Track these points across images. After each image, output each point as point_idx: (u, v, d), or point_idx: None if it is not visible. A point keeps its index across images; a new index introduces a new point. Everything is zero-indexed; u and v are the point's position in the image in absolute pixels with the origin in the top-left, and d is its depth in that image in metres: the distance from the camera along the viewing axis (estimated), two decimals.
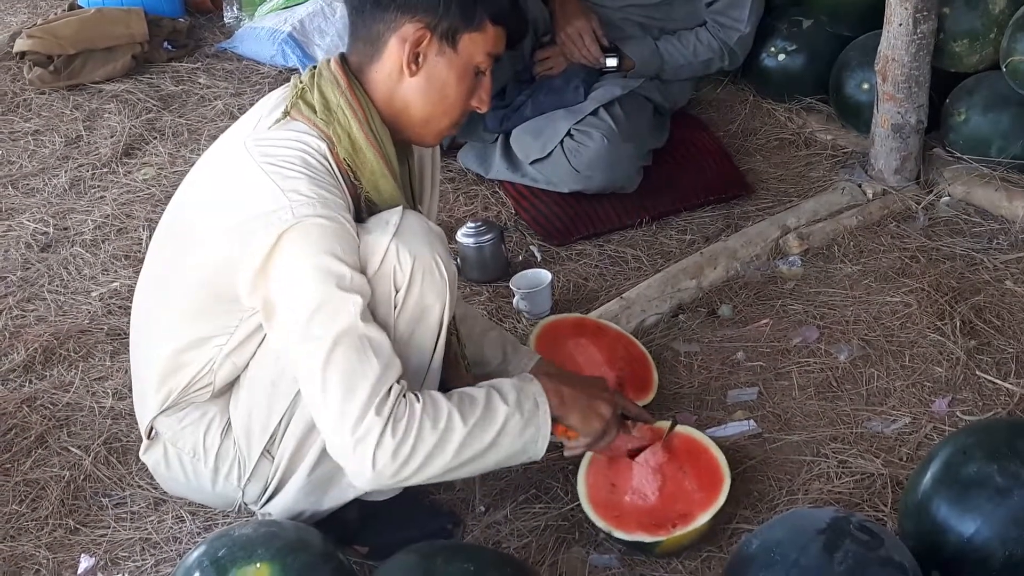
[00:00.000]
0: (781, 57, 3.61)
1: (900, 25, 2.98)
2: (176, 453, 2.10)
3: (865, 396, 2.47)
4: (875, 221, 3.06)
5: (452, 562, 1.79)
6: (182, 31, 4.48)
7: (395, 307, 1.89)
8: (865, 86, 3.31)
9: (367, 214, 1.95)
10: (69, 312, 2.93)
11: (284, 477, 2.03)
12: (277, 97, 2.00)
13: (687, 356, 2.64)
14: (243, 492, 2.07)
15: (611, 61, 3.28)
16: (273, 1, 4.51)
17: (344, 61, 1.98)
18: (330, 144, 1.91)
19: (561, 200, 3.20)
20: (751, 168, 3.40)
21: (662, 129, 3.45)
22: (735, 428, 2.41)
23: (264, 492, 2.06)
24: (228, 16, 4.67)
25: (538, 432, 1.92)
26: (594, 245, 3.09)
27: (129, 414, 2.45)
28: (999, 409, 2.39)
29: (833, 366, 2.57)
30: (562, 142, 3.16)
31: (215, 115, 3.93)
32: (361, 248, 1.85)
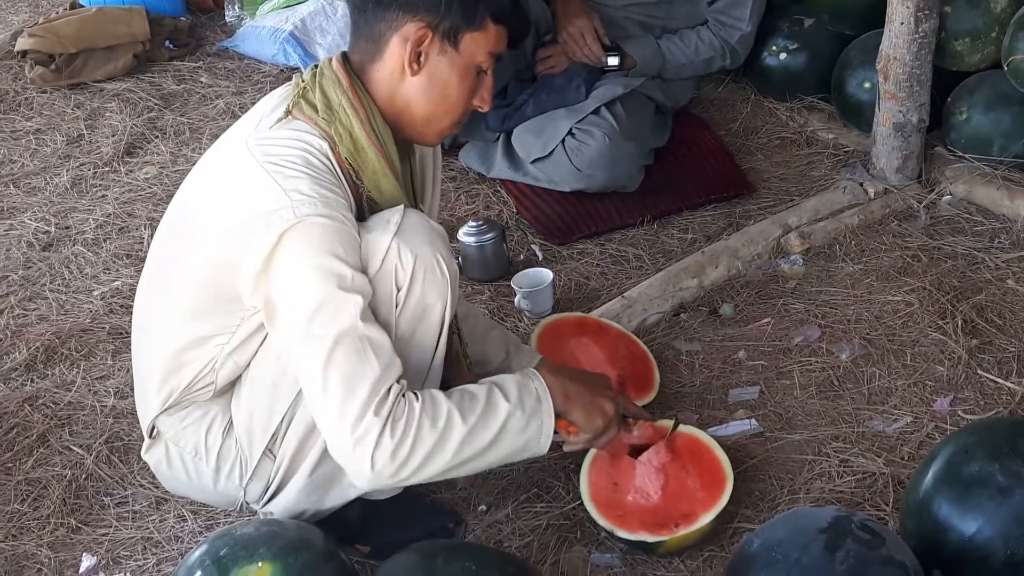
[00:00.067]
0: (783, 56, 3.61)
1: (902, 24, 2.98)
2: (178, 452, 2.10)
3: (867, 395, 2.47)
4: (877, 220, 3.06)
5: (453, 561, 1.79)
6: (183, 30, 4.47)
7: (396, 306, 1.89)
8: (867, 85, 3.31)
9: (369, 213, 1.95)
10: (71, 311, 2.93)
11: (286, 476, 2.03)
12: (279, 96, 2.00)
13: (688, 355, 2.64)
14: (245, 491, 2.07)
15: (613, 60, 3.28)
16: (274, 0, 4.51)
17: (346, 60, 1.97)
18: (332, 143, 1.91)
19: (562, 199, 3.20)
20: (752, 167, 3.40)
21: (663, 128, 3.44)
22: (737, 427, 2.41)
23: (266, 491, 2.06)
24: (229, 15, 4.67)
25: (541, 429, 1.92)
26: (595, 244, 3.09)
27: (131, 413, 2.45)
28: (1001, 408, 2.39)
29: (835, 365, 2.56)
30: (564, 141, 3.16)
31: (217, 114, 3.92)
32: (362, 247, 1.85)
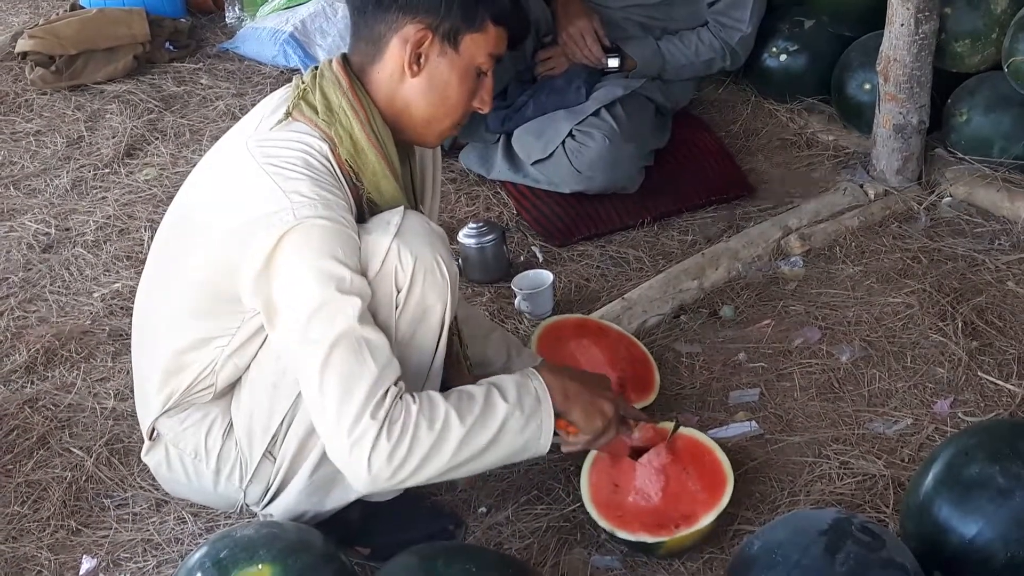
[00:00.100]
0: (783, 57, 3.61)
1: (902, 25, 2.98)
2: (178, 454, 2.09)
3: (867, 397, 2.47)
4: (877, 222, 3.05)
5: (453, 563, 1.79)
6: (184, 31, 4.48)
7: (396, 307, 1.88)
8: (867, 86, 3.31)
9: (369, 215, 1.95)
10: (71, 313, 2.93)
11: (286, 478, 2.03)
12: (279, 98, 2.00)
13: (689, 357, 2.64)
14: (245, 493, 2.07)
15: (613, 61, 3.28)
16: (275, 1, 4.51)
17: (346, 62, 1.97)
18: (332, 145, 1.90)
19: (563, 200, 3.20)
20: (753, 168, 3.40)
21: (664, 129, 3.44)
22: (737, 429, 2.41)
23: (266, 493, 2.06)
24: (230, 16, 4.67)
25: (540, 428, 1.90)
26: (596, 246, 3.09)
27: (131, 415, 2.45)
28: (1001, 410, 2.39)
29: (835, 367, 2.56)
30: (564, 142, 3.16)
31: (217, 116, 3.93)
32: (362, 249, 1.85)
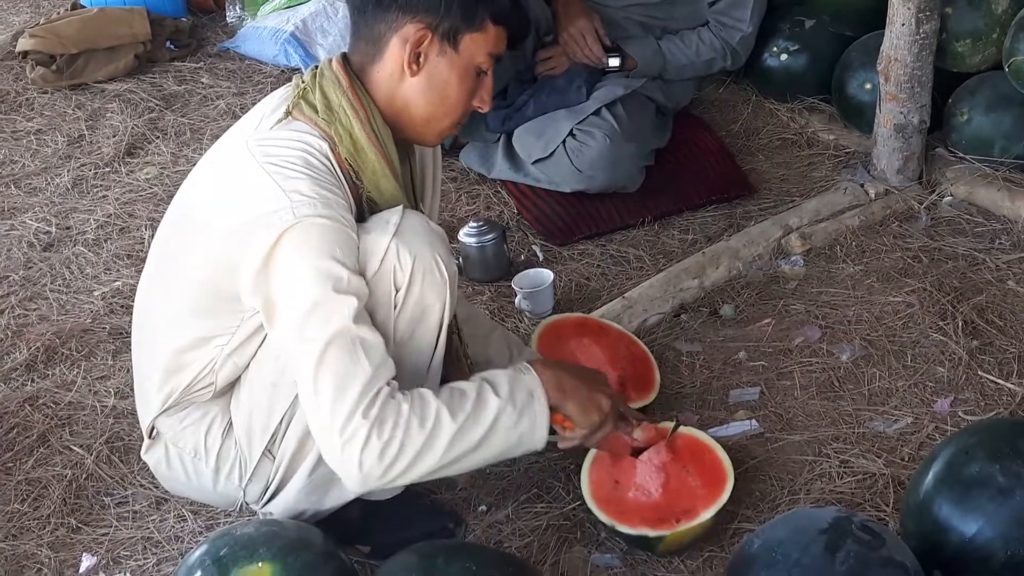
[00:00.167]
0: (783, 57, 3.61)
1: (903, 25, 2.98)
2: (177, 453, 2.10)
3: (867, 396, 2.47)
4: (877, 221, 3.05)
5: (453, 561, 1.79)
6: (184, 30, 4.48)
7: (395, 307, 1.88)
8: (868, 86, 3.31)
9: (368, 213, 1.95)
10: (71, 311, 2.93)
11: (285, 477, 2.03)
12: (279, 97, 2.00)
13: (689, 356, 2.64)
14: (244, 492, 2.07)
15: (613, 61, 3.28)
16: (275, 1, 4.51)
17: (346, 61, 1.97)
18: (332, 144, 1.90)
19: (563, 200, 3.20)
20: (753, 168, 3.40)
21: (664, 129, 3.44)
22: (737, 428, 2.41)
23: (265, 492, 2.06)
24: (231, 16, 4.68)
25: (534, 423, 1.89)
26: (596, 245, 3.09)
27: (131, 413, 2.45)
28: (1001, 409, 2.39)
29: (835, 366, 2.56)
30: (564, 142, 3.16)
31: (217, 115, 3.93)
32: (361, 248, 1.85)
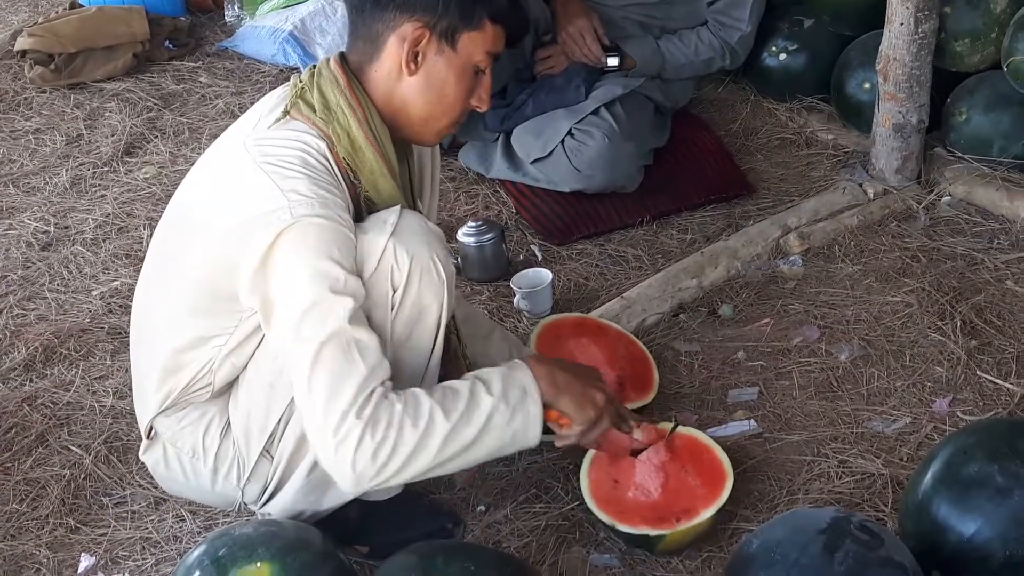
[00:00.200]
0: (782, 56, 3.61)
1: (901, 25, 2.97)
2: (175, 453, 2.09)
3: (866, 396, 2.47)
4: (876, 221, 3.05)
5: (452, 562, 1.79)
6: (183, 30, 4.48)
7: (392, 307, 1.88)
8: (866, 86, 3.31)
9: (366, 213, 1.95)
10: (70, 311, 2.93)
11: (283, 477, 2.03)
12: (277, 96, 2.00)
13: (688, 356, 2.64)
14: (243, 492, 2.07)
15: (612, 60, 3.28)
16: (274, 0, 4.51)
17: (344, 60, 1.97)
18: (330, 143, 1.90)
19: (562, 199, 3.20)
20: (752, 167, 3.40)
21: (663, 128, 3.44)
22: (736, 428, 2.41)
23: (264, 492, 2.06)
24: (229, 15, 4.67)
25: (527, 420, 1.88)
26: (595, 244, 3.08)
27: (130, 413, 2.45)
28: (1000, 409, 2.39)
29: (834, 366, 2.56)
30: (563, 141, 3.16)
31: (216, 114, 3.93)
32: (358, 248, 1.85)
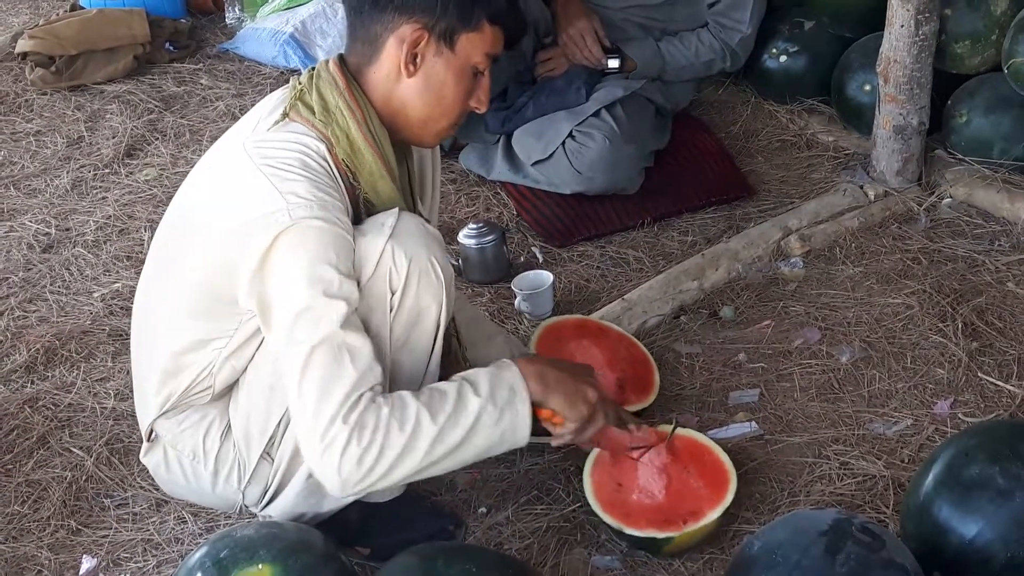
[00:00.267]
0: (783, 58, 3.61)
1: (902, 27, 2.98)
2: (176, 456, 2.10)
3: (867, 398, 2.47)
4: (877, 223, 3.05)
5: (453, 563, 1.79)
6: (184, 32, 4.48)
7: (391, 309, 1.88)
8: (867, 88, 3.31)
9: (365, 215, 1.95)
10: (71, 313, 2.93)
11: (284, 479, 2.03)
12: (276, 99, 2.00)
13: (688, 358, 2.64)
14: (243, 494, 2.07)
15: (613, 62, 3.28)
16: (275, 2, 4.51)
17: (343, 62, 1.97)
18: (329, 145, 1.90)
19: (563, 201, 3.20)
20: (752, 169, 3.40)
21: (664, 130, 3.44)
22: (737, 430, 2.40)
23: (264, 494, 2.06)
24: (230, 17, 4.68)
25: (516, 419, 1.87)
26: (596, 246, 3.09)
27: (131, 415, 2.45)
28: (1001, 411, 2.39)
29: (835, 368, 2.56)
30: (564, 143, 3.16)
31: (217, 116, 3.93)
32: (356, 251, 1.85)
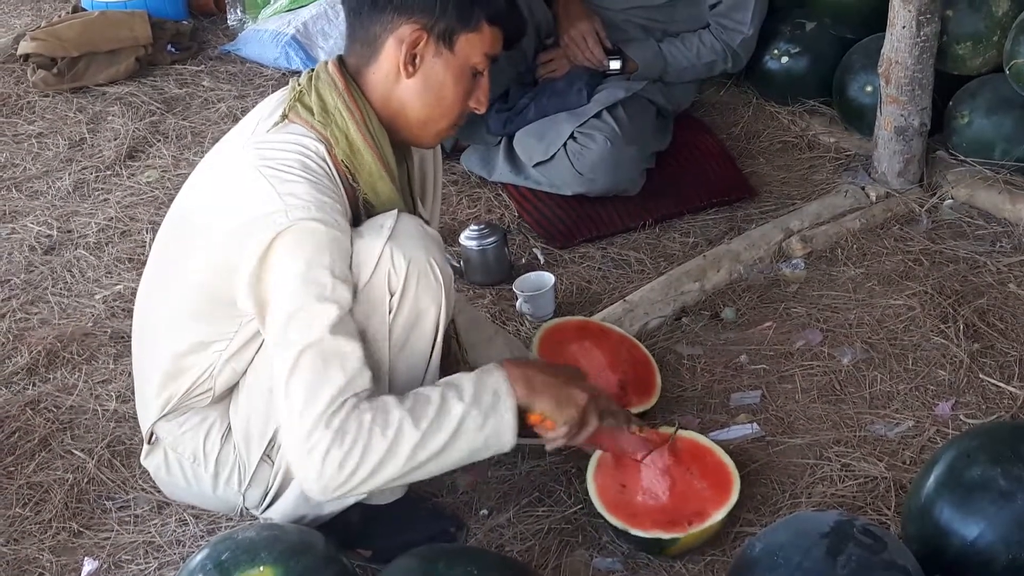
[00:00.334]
0: (784, 59, 3.61)
1: (903, 28, 2.97)
2: (176, 458, 2.10)
3: (868, 399, 2.47)
4: (878, 224, 3.05)
5: (455, 565, 1.79)
6: (185, 33, 4.48)
7: (390, 311, 1.88)
8: (868, 89, 3.31)
9: (365, 216, 1.95)
10: (72, 315, 2.93)
11: (284, 482, 2.03)
12: (276, 100, 2.00)
13: (690, 359, 2.64)
14: (244, 497, 2.07)
15: (614, 63, 3.28)
16: (277, 4, 4.52)
17: (342, 63, 1.97)
18: (328, 146, 1.90)
19: (564, 203, 3.20)
20: (754, 171, 3.40)
21: (665, 132, 3.44)
22: (738, 431, 2.40)
23: (265, 496, 2.06)
24: (232, 19, 4.68)
25: (500, 424, 1.85)
26: (597, 248, 3.08)
27: (132, 417, 2.45)
28: (1002, 412, 2.39)
29: (836, 369, 2.56)
30: (565, 145, 3.16)
31: (219, 118, 3.93)
32: (355, 253, 1.85)
